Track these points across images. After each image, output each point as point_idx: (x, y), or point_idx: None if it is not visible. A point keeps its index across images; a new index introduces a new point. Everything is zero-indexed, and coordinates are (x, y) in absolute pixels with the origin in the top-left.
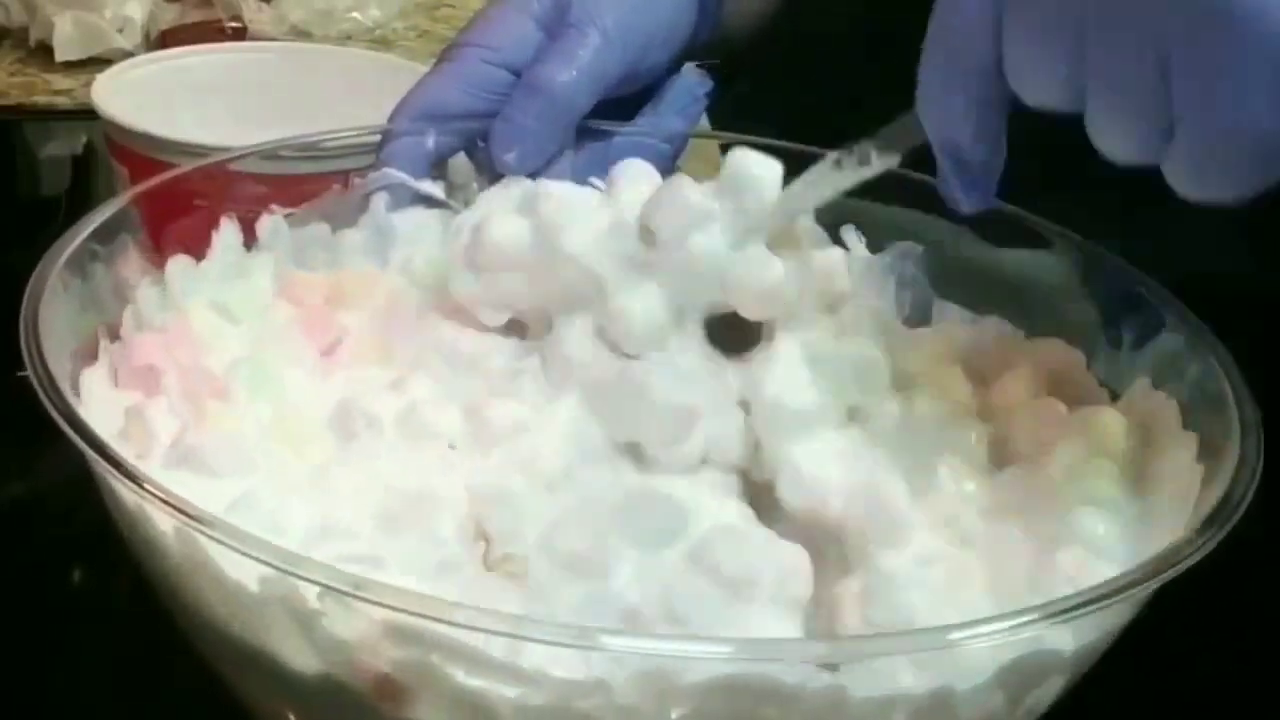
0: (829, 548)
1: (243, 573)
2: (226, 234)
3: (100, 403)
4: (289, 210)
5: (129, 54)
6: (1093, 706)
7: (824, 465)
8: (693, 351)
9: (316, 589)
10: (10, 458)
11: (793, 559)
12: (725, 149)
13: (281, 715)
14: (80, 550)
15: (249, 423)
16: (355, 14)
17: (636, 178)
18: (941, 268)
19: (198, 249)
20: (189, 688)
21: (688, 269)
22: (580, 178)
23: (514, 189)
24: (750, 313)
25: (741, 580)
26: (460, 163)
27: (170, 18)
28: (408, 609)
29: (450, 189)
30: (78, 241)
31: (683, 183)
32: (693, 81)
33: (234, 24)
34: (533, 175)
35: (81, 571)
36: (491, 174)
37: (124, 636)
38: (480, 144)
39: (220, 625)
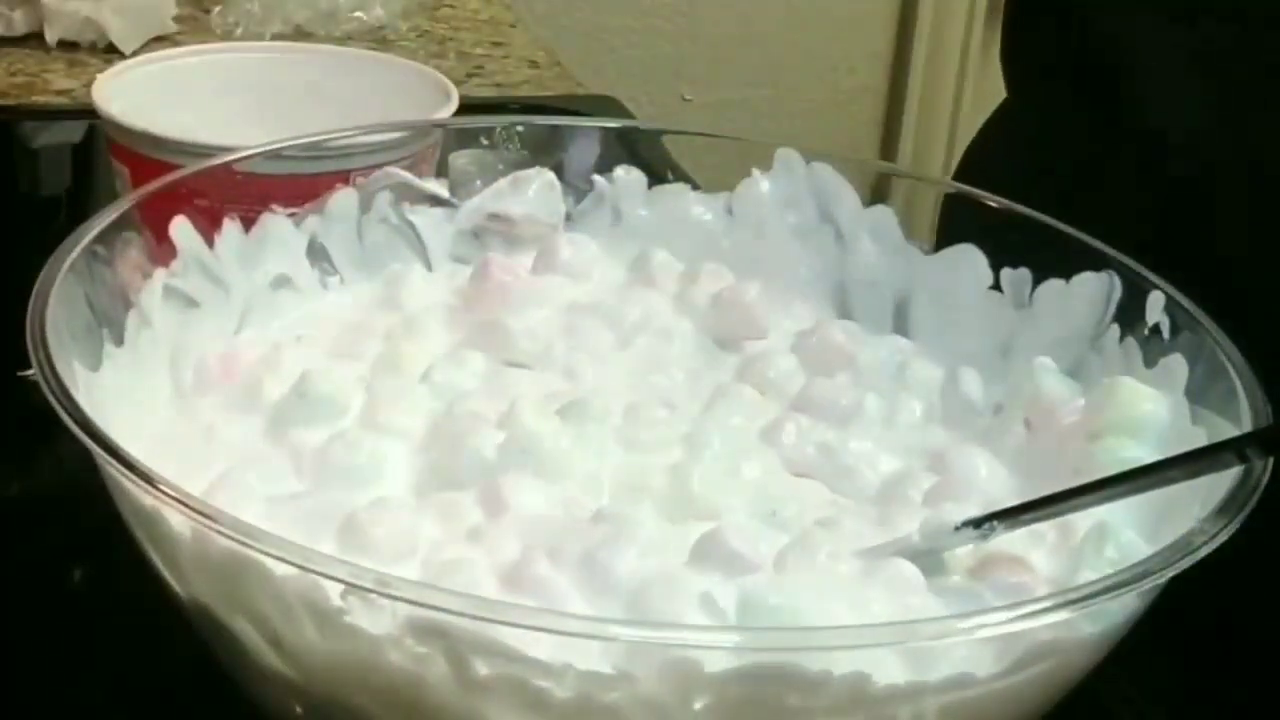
0: None
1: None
2: (229, 234)
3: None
4: (291, 210)
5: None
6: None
7: None
8: None
9: (340, 586)
10: (10, 458)
11: None
12: None
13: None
14: (80, 550)
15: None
16: (358, 14)
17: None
18: None
19: None
20: (190, 688)
21: None
22: None
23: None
24: None
25: None
26: (463, 161)
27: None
28: (431, 604)
29: (454, 187)
30: (85, 242)
31: None
32: None
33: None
34: None
35: (81, 571)
36: (495, 171)
37: (124, 636)
38: (484, 141)
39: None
